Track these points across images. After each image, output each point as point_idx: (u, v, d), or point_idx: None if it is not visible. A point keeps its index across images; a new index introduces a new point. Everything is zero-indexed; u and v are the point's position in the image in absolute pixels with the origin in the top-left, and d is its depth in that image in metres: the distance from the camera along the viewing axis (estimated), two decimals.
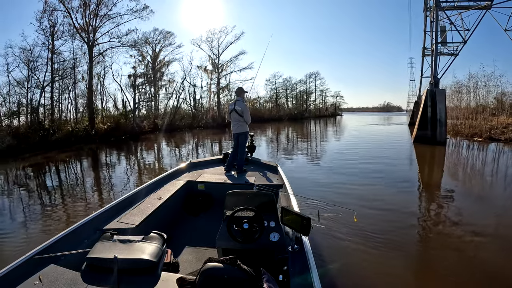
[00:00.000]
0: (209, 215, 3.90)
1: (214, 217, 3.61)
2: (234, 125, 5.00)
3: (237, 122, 4.97)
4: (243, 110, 4.88)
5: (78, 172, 10.35)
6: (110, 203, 3.01)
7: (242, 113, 4.88)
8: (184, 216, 3.95)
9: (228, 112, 5.04)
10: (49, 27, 20.68)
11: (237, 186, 3.98)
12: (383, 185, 7.07)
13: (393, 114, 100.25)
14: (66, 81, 23.44)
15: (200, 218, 3.90)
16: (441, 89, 16.28)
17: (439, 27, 17.81)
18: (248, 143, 5.31)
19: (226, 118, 5.22)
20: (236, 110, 4.88)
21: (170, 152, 15.17)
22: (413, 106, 34.05)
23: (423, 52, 31.82)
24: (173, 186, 3.93)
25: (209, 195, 4.13)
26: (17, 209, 6.14)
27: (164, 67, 32.84)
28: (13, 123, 18.78)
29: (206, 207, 4.05)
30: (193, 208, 4.03)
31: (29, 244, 4.12)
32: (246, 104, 5.06)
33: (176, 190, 3.78)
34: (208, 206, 4.07)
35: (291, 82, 57.92)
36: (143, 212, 2.97)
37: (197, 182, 4.19)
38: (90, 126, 20.72)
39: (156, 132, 25.67)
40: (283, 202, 3.23)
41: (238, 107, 4.88)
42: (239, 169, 4.75)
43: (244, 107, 4.90)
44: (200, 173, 4.57)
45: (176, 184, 4.02)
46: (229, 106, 5.08)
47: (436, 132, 15.12)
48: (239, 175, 4.51)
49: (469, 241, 4.13)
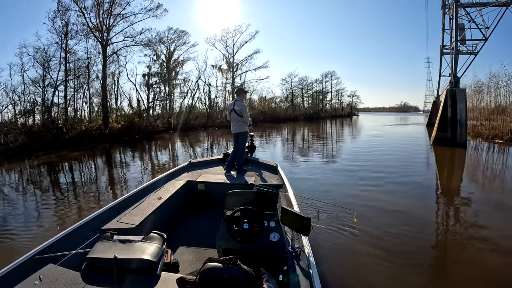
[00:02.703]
0: (209, 215, 3.91)
1: (214, 217, 3.63)
2: (234, 125, 5.07)
3: (236, 122, 5.02)
4: (242, 110, 4.91)
5: (92, 170, 10.47)
6: (110, 203, 3.04)
7: (241, 113, 4.91)
8: (184, 216, 3.96)
9: (228, 112, 5.11)
10: (62, 26, 21.13)
11: (237, 186, 3.98)
12: (396, 189, 6.80)
13: (410, 115, 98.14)
14: (80, 80, 23.97)
15: (200, 218, 3.93)
16: (461, 88, 15.63)
17: (458, 25, 17.16)
18: (248, 143, 5.39)
19: (226, 118, 5.27)
20: (235, 110, 4.93)
21: (184, 151, 15.18)
22: (431, 106, 32.94)
23: (441, 51, 30.71)
24: (173, 186, 3.96)
25: (209, 195, 4.15)
26: (31, 205, 6.26)
27: (178, 66, 33.37)
28: (28, 122, 19.26)
29: (206, 207, 4.06)
30: (193, 208, 4.04)
31: (39, 238, 4.15)
32: (245, 104, 5.09)
33: (176, 190, 3.81)
34: (208, 206, 4.08)
35: (307, 82, 57.67)
36: (143, 212, 2.99)
37: (197, 182, 4.21)
38: (104, 125, 21.03)
39: (170, 131, 25.91)
40: (283, 202, 3.27)
41: (237, 107, 4.94)
42: (239, 169, 4.78)
43: (243, 107, 4.93)
44: (200, 173, 4.60)
45: (176, 184, 4.05)
46: (229, 106, 5.17)
47: (456, 133, 14.50)
48: (239, 175, 4.53)
49: (487, 252, 3.85)
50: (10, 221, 5.19)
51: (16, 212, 5.72)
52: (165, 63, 31.66)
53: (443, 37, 29.89)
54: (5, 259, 2.08)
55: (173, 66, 32.57)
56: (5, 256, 3.79)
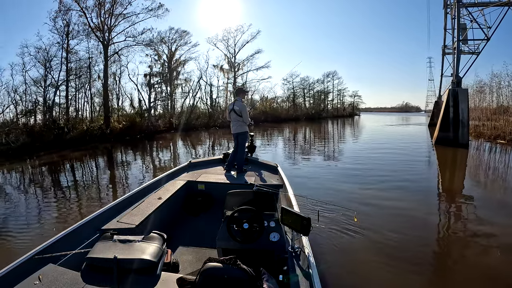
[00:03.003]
0: (209, 215, 3.90)
1: (214, 217, 3.63)
2: (234, 125, 5.07)
3: (236, 122, 5.03)
4: (241, 110, 4.92)
5: (93, 170, 10.47)
6: (110, 203, 3.03)
7: (240, 113, 4.91)
8: (184, 216, 3.95)
9: (228, 112, 5.12)
10: (63, 26, 21.05)
11: (237, 186, 3.97)
12: (397, 189, 6.77)
13: (411, 115, 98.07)
14: (82, 80, 23.95)
15: (200, 218, 3.92)
16: (463, 88, 15.55)
17: (460, 25, 17.09)
18: (248, 143, 5.38)
19: (226, 118, 5.27)
20: (235, 110, 4.94)
21: (186, 151, 15.17)
22: (433, 107, 32.91)
23: (443, 51, 30.66)
24: (173, 186, 3.96)
25: (209, 195, 4.14)
26: (32, 204, 6.27)
27: (180, 66, 33.40)
28: (30, 122, 19.20)
29: (206, 207, 4.06)
30: (193, 208, 4.04)
31: (40, 238, 4.18)
32: (245, 104, 5.09)
33: (176, 190, 3.81)
34: (208, 206, 4.07)
35: (308, 82, 57.73)
36: (143, 212, 2.98)
37: (197, 182, 4.21)
38: (105, 125, 21.01)
39: (171, 131, 25.88)
40: (283, 202, 3.26)
41: (237, 106, 4.94)
42: (239, 169, 4.78)
43: (242, 107, 4.93)
44: (200, 173, 4.60)
45: (176, 184, 4.04)
46: (228, 106, 5.17)
47: (458, 133, 14.44)
48: (239, 175, 4.53)
49: (489, 251, 3.83)
50: (11, 221, 5.19)
51: (18, 212, 5.71)
52: (166, 63, 31.73)
53: (445, 37, 29.86)
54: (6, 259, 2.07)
55: (174, 66, 32.64)
56: (6, 256, 3.79)
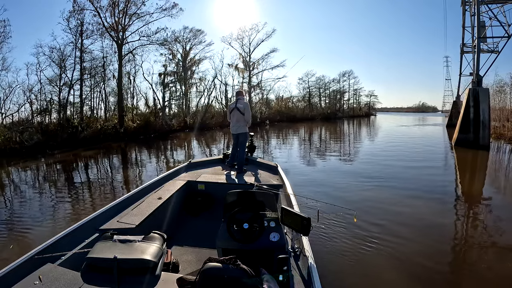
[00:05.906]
0: (209, 215, 3.89)
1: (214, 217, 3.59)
2: (234, 125, 5.03)
3: (237, 122, 4.97)
4: (245, 107, 4.88)
5: (107, 169, 10.62)
6: (110, 203, 3.03)
7: (243, 111, 4.85)
8: (184, 216, 3.96)
9: (229, 111, 5.06)
10: (77, 26, 21.25)
11: (237, 186, 3.97)
12: (414, 191, 6.56)
13: (428, 115, 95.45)
14: (96, 79, 24.23)
15: (200, 218, 3.92)
16: (484, 87, 14.89)
17: (480, 22, 16.44)
18: (248, 143, 5.38)
19: (227, 119, 5.23)
20: (238, 108, 4.88)
21: (201, 151, 15.15)
22: (452, 107, 31.78)
23: (462, 49, 29.44)
24: (173, 186, 3.97)
25: (209, 195, 4.14)
26: (46, 201, 6.43)
27: (194, 65, 33.49)
28: (45, 121, 19.52)
29: (206, 207, 4.05)
30: (193, 208, 4.04)
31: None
32: (247, 102, 5.05)
33: (176, 190, 3.82)
34: (208, 206, 4.07)
35: (324, 81, 56.96)
36: (143, 212, 2.99)
37: (197, 182, 4.21)
38: (119, 124, 21.28)
39: (186, 131, 26.03)
40: (283, 202, 3.26)
41: (240, 105, 4.88)
42: (239, 169, 4.74)
43: (245, 105, 4.91)
44: (200, 173, 4.61)
45: (176, 184, 4.05)
46: (229, 106, 5.10)
47: (478, 135, 13.81)
48: (239, 175, 4.51)
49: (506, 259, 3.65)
50: (26, 218, 5.30)
51: (32, 209, 5.85)
52: (181, 62, 31.87)
53: (463, 35, 28.81)
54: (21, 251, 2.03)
55: (189, 65, 32.73)
56: (21, 249, 3.90)
